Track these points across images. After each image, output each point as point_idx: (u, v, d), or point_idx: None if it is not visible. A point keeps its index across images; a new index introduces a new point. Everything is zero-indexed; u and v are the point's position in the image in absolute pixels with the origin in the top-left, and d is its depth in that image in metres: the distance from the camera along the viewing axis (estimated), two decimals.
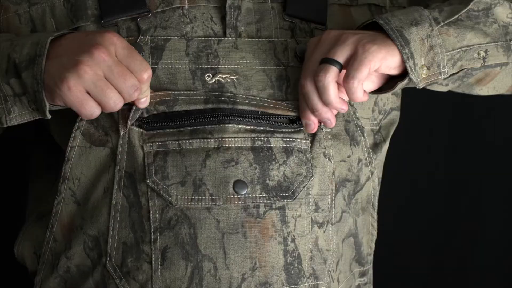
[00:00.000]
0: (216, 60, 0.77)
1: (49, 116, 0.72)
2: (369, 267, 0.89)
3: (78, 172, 0.77)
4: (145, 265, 0.75)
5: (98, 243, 0.77)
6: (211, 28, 0.79)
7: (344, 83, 0.73)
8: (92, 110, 0.70)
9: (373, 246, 0.89)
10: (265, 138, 0.77)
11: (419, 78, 0.76)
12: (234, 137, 0.76)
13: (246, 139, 0.76)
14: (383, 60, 0.74)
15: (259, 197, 0.76)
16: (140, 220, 0.75)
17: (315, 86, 0.74)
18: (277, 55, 0.80)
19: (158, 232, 0.75)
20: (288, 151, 0.77)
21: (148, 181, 0.75)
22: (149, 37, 0.77)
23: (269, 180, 0.76)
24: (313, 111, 0.76)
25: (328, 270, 0.80)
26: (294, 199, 0.77)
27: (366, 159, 0.84)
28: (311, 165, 0.78)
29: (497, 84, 0.88)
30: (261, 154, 0.77)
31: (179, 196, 0.75)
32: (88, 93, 0.69)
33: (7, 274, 1.20)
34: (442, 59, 0.77)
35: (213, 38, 0.78)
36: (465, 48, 0.79)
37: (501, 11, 0.82)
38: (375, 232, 0.89)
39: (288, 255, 0.77)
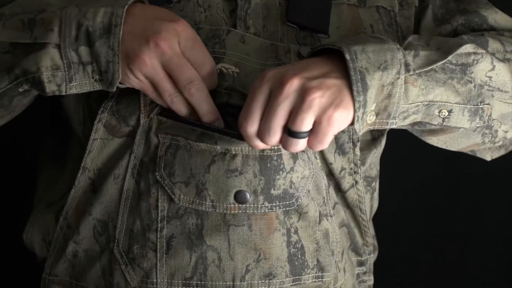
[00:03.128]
0: (222, 50, 0.77)
1: (114, 89, 0.71)
2: (368, 257, 0.89)
3: (99, 163, 0.78)
4: (150, 253, 0.76)
5: (107, 228, 0.78)
6: (223, 18, 0.79)
7: (310, 148, 0.68)
8: (154, 96, 0.72)
9: (370, 240, 0.89)
10: (275, 147, 0.74)
11: (362, 125, 0.69)
12: (242, 146, 0.74)
13: None
14: (341, 126, 0.67)
15: (261, 206, 0.76)
16: (148, 208, 0.76)
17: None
18: (279, 57, 0.79)
19: (165, 221, 0.75)
20: (294, 155, 0.77)
21: (156, 173, 0.75)
22: None
23: (274, 189, 0.76)
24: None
25: (336, 261, 0.81)
26: (297, 205, 0.77)
27: (351, 169, 0.83)
28: (312, 163, 0.78)
29: (450, 141, 0.83)
30: (269, 165, 0.75)
31: (182, 196, 0.75)
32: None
33: (16, 260, 1.21)
34: (396, 110, 0.70)
35: (223, 28, 0.78)
36: (427, 103, 0.71)
37: (481, 69, 0.74)
38: (367, 230, 0.88)
39: (291, 246, 0.77)
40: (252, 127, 0.67)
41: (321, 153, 0.80)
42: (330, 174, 0.82)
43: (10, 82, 0.71)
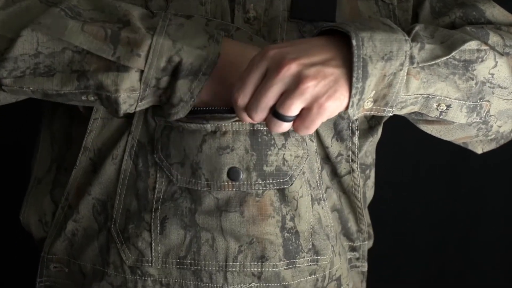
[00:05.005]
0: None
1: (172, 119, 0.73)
2: (361, 244, 0.90)
3: (99, 142, 0.79)
4: (145, 232, 0.77)
5: (105, 208, 0.79)
6: (220, 5, 0.78)
7: (295, 131, 0.69)
8: None
9: (364, 228, 0.89)
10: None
11: (358, 110, 0.68)
12: (231, 120, 0.75)
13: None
14: (331, 115, 0.67)
15: (255, 184, 0.76)
16: (145, 189, 0.77)
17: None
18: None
19: (160, 202, 0.77)
20: (285, 133, 0.77)
21: (155, 155, 0.77)
22: (173, 12, 0.75)
23: (266, 166, 0.76)
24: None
25: (332, 245, 0.82)
26: (291, 184, 0.78)
27: (348, 156, 0.84)
28: (306, 144, 0.79)
29: (444, 131, 0.84)
30: (260, 139, 0.76)
31: (180, 176, 0.76)
32: None
33: (15, 240, 1.23)
34: (394, 100, 0.70)
35: (233, 25, 0.76)
36: (427, 96, 0.72)
37: (484, 66, 0.74)
38: (362, 218, 0.89)
39: (285, 231, 0.78)
40: (242, 100, 0.67)
41: (318, 136, 0.81)
42: (327, 157, 0.83)
43: (77, 89, 0.70)
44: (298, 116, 0.66)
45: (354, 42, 0.65)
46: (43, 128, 0.87)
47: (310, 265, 0.80)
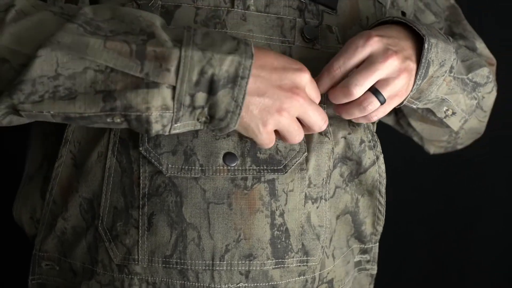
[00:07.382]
0: (224, 30, 0.76)
1: (222, 134, 0.74)
2: (373, 246, 0.90)
3: (79, 135, 0.79)
4: (132, 230, 0.77)
5: (92, 206, 0.79)
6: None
7: (365, 117, 0.77)
8: (272, 142, 0.73)
9: (380, 229, 0.89)
10: None
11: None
12: None
13: None
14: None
15: (249, 169, 0.76)
16: (131, 185, 0.77)
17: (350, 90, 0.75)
18: (284, 32, 0.79)
19: (146, 198, 0.76)
20: None
21: (140, 148, 0.75)
22: (160, 2, 0.76)
23: (260, 153, 0.77)
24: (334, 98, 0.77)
25: (322, 246, 0.81)
26: (285, 172, 0.77)
27: (370, 142, 0.84)
28: (304, 141, 0.78)
29: (428, 130, 0.96)
30: None
31: (170, 165, 0.75)
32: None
33: (9, 236, 1.24)
34: (426, 97, 0.81)
35: (223, 8, 0.77)
36: (443, 98, 0.83)
37: (485, 91, 0.89)
38: (382, 217, 0.88)
39: (275, 229, 0.77)
40: (339, 72, 0.75)
41: (336, 127, 0.81)
42: (348, 152, 0.83)
43: (103, 111, 0.67)
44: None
45: (426, 45, 0.76)
46: (34, 125, 0.87)
47: (300, 265, 0.79)
